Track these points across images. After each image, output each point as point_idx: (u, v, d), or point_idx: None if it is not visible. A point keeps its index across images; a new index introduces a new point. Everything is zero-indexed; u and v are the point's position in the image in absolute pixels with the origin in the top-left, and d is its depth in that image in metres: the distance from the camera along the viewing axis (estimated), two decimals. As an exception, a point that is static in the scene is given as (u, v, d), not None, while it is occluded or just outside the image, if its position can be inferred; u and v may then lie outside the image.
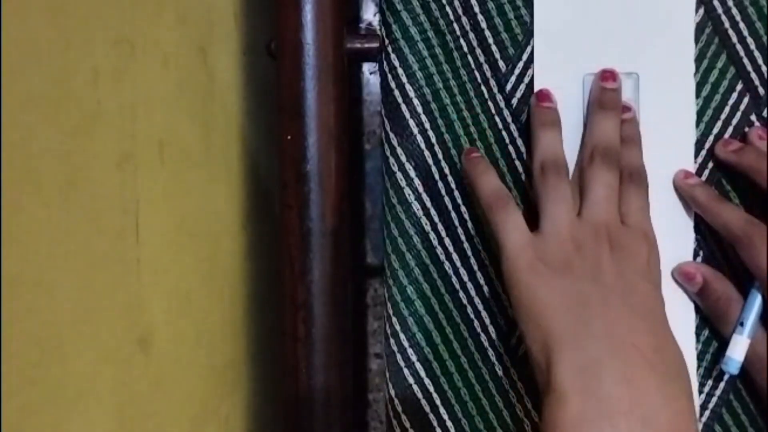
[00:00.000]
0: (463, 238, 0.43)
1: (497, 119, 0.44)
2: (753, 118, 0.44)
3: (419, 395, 0.42)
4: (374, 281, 0.50)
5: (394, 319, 0.42)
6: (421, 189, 0.42)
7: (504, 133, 0.44)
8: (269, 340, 0.49)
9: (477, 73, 0.44)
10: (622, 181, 0.40)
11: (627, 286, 0.36)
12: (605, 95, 0.42)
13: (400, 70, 0.42)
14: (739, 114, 0.44)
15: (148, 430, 0.32)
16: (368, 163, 0.50)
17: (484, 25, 0.44)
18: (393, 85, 0.43)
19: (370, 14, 0.49)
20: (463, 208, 0.43)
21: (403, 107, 0.42)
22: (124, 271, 0.30)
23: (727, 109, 0.44)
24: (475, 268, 0.43)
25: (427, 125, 0.43)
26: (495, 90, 0.44)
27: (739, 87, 0.44)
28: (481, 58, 0.44)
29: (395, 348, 0.42)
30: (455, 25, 0.43)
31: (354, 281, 0.45)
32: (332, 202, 0.42)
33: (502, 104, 0.44)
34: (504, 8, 0.44)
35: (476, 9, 0.44)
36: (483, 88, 0.44)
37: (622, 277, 0.37)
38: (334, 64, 0.42)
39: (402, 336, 0.42)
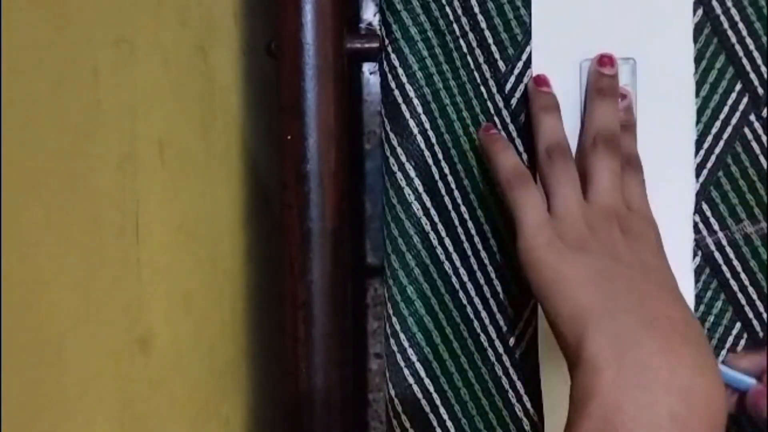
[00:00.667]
0: (463, 238, 0.43)
1: (496, 119, 0.44)
2: (752, 118, 0.44)
3: (419, 395, 0.42)
4: (374, 281, 0.50)
5: (394, 319, 0.42)
6: (421, 189, 0.42)
7: (503, 132, 0.44)
8: (269, 340, 0.49)
9: (477, 73, 0.44)
10: (621, 167, 0.41)
11: (645, 265, 0.37)
12: (603, 81, 0.42)
13: (400, 70, 0.42)
14: (737, 114, 0.44)
15: (148, 430, 0.32)
16: (368, 163, 0.50)
17: (484, 25, 0.44)
18: (393, 85, 0.43)
19: (370, 14, 0.49)
20: (463, 208, 0.43)
21: (403, 107, 0.42)
22: (124, 271, 0.30)
23: (725, 109, 0.44)
24: (475, 268, 0.43)
25: (427, 125, 0.43)
26: (494, 90, 0.44)
27: (738, 87, 0.44)
28: (481, 59, 0.44)
29: (395, 348, 0.42)
30: (455, 25, 0.43)
31: (354, 281, 0.45)
32: (332, 202, 0.42)
33: (501, 104, 0.44)
34: (504, 8, 0.44)
35: (476, 9, 0.44)
36: (482, 88, 0.44)
37: (638, 257, 0.37)
38: (334, 64, 0.42)
39: (402, 336, 0.42)
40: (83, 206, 0.27)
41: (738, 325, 0.44)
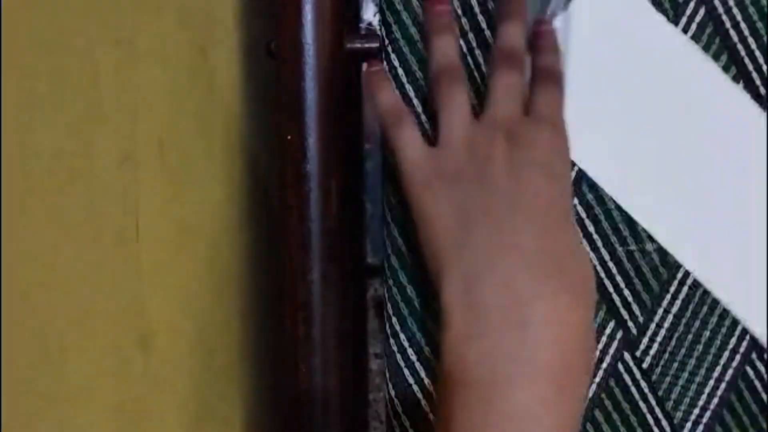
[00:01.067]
0: (463, 238, 0.43)
1: (497, 119, 0.44)
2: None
3: (419, 395, 0.42)
4: (374, 281, 0.50)
5: (394, 319, 0.42)
6: (421, 189, 0.42)
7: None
8: (269, 340, 0.49)
9: (477, 74, 0.44)
10: (534, 81, 0.38)
11: (518, 184, 0.34)
12: (508, 5, 0.40)
13: (400, 70, 0.42)
14: None
15: (148, 430, 0.32)
16: (368, 163, 0.50)
17: (484, 25, 0.44)
18: (393, 85, 0.42)
19: (370, 14, 0.49)
20: (463, 208, 0.43)
21: (403, 107, 0.42)
22: (124, 271, 0.30)
23: None
24: (475, 268, 0.43)
25: (427, 125, 0.43)
26: (495, 90, 0.44)
27: (740, 86, 0.44)
28: (481, 59, 0.44)
29: (395, 348, 0.42)
30: (455, 25, 0.43)
31: (354, 281, 0.45)
32: (332, 202, 0.42)
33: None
34: (504, 8, 0.44)
35: (476, 9, 0.44)
36: (482, 88, 0.44)
37: (514, 174, 0.34)
38: (334, 64, 0.42)
39: (402, 336, 0.42)
40: (83, 206, 0.27)
41: (740, 326, 0.44)
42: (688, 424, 0.44)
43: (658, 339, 0.44)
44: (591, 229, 0.44)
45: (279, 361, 0.43)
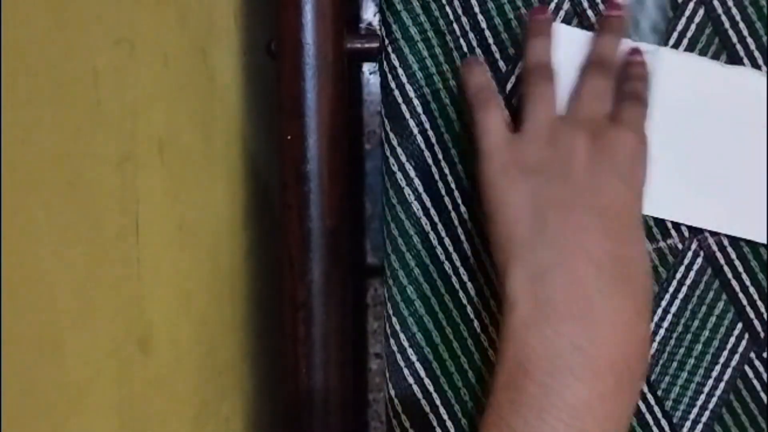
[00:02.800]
0: (463, 238, 0.43)
1: (497, 119, 0.44)
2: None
3: (419, 395, 0.42)
4: (374, 281, 0.50)
5: (394, 319, 0.42)
6: (421, 189, 0.42)
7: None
8: (269, 340, 0.49)
9: (477, 73, 0.44)
10: (622, 100, 0.39)
11: (597, 185, 0.35)
12: (610, 20, 0.42)
13: (400, 70, 0.42)
14: None
15: (148, 430, 0.32)
16: (368, 163, 0.50)
17: (484, 25, 0.44)
18: (393, 85, 0.43)
19: (370, 14, 0.49)
20: (463, 208, 0.43)
21: (403, 107, 0.42)
22: (124, 271, 0.30)
23: None
24: (475, 268, 0.43)
25: (427, 125, 0.43)
26: (495, 90, 0.44)
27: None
28: (481, 58, 0.44)
29: (395, 348, 0.42)
30: (455, 25, 0.43)
31: (354, 281, 0.45)
32: (332, 202, 0.42)
33: (501, 104, 0.44)
34: (504, 8, 0.44)
35: (476, 9, 0.44)
36: (483, 88, 0.44)
37: (594, 175, 0.35)
38: (334, 64, 0.42)
39: (402, 336, 0.42)
40: (83, 206, 0.27)
41: (739, 326, 0.44)
42: (688, 424, 0.44)
43: (657, 338, 0.44)
44: None
45: (279, 361, 0.43)
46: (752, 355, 0.44)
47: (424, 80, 0.43)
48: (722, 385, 0.44)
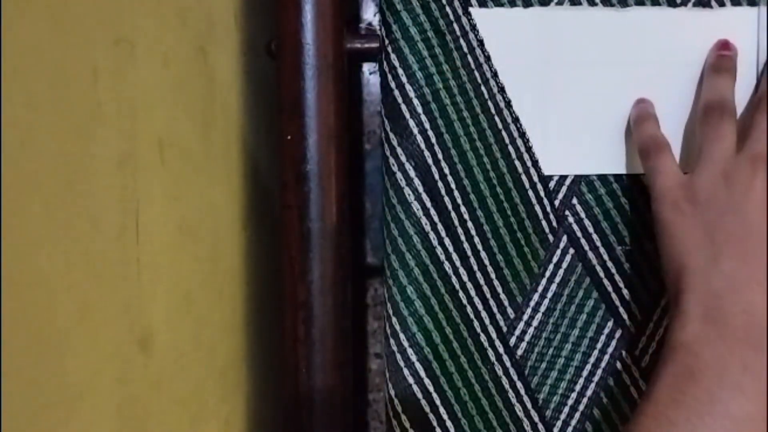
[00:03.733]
0: (463, 238, 0.43)
1: (497, 119, 0.44)
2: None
3: (419, 395, 0.42)
4: (374, 281, 0.50)
5: (394, 319, 0.42)
6: (421, 189, 0.42)
7: (504, 133, 0.44)
8: (269, 340, 0.49)
9: (477, 73, 0.44)
10: None
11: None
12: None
13: (400, 70, 0.42)
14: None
15: (148, 430, 0.32)
16: (368, 163, 0.50)
17: (484, 25, 0.44)
18: (393, 85, 0.42)
19: (370, 14, 0.49)
20: (463, 208, 0.43)
21: (403, 107, 0.42)
22: (124, 271, 0.30)
23: None
24: (475, 268, 0.43)
25: (427, 125, 0.43)
26: (495, 90, 0.44)
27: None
28: (481, 58, 0.44)
29: (395, 348, 0.42)
30: (455, 25, 0.43)
31: (354, 281, 0.45)
32: (332, 202, 0.42)
33: (502, 104, 0.44)
34: (504, 8, 0.44)
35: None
36: (483, 88, 0.44)
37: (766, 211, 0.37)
38: (334, 64, 0.42)
39: (402, 336, 0.42)
40: (83, 206, 0.27)
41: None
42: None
43: (657, 338, 0.44)
44: (591, 229, 0.44)
45: (279, 361, 0.43)
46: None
47: (424, 80, 0.43)
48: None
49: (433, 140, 0.43)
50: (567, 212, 0.45)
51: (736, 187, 0.38)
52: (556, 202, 0.45)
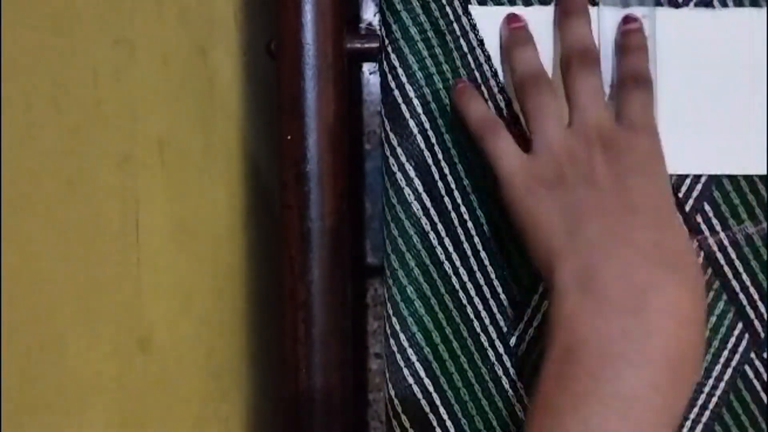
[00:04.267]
0: (463, 238, 0.43)
1: (497, 119, 0.44)
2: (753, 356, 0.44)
3: (419, 395, 0.42)
4: (374, 281, 0.50)
5: (394, 319, 0.42)
6: (421, 189, 0.42)
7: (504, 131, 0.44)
8: (269, 340, 0.49)
9: (477, 73, 0.44)
10: (623, 85, 0.40)
11: (623, 186, 0.36)
12: (566, 2, 0.42)
13: (400, 70, 0.42)
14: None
15: (148, 430, 0.32)
16: (368, 163, 0.50)
17: (484, 25, 0.44)
18: (393, 85, 0.42)
19: (370, 14, 0.49)
20: (463, 208, 0.43)
21: (403, 107, 0.42)
22: (124, 271, 0.30)
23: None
24: (475, 268, 0.43)
25: (427, 125, 0.43)
26: (495, 90, 0.44)
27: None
28: (481, 58, 0.44)
29: (395, 348, 0.42)
30: (455, 25, 0.43)
31: (354, 281, 0.45)
32: (332, 202, 0.42)
33: (502, 104, 0.44)
34: (504, 8, 0.44)
35: (476, 9, 0.44)
36: (483, 88, 0.44)
37: (618, 178, 0.36)
38: (334, 64, 0.42)
39: (402, 336, 0.42)
40: (83, 206, 0.27)
41: (740, 325, 0.44)
42: (688, 423, 0.44)
43: None
44: None
45: (279, 361, 0.43)
46: (752, 355, 0.44)
47: (424, 80, 0.43)
48: (722, 384, 0.44)
49: (433, 140, 0.43)
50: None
51: (578, 163, 0.37)
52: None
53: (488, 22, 0.44)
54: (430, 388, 0.42)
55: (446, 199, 0.43)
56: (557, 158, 0.37)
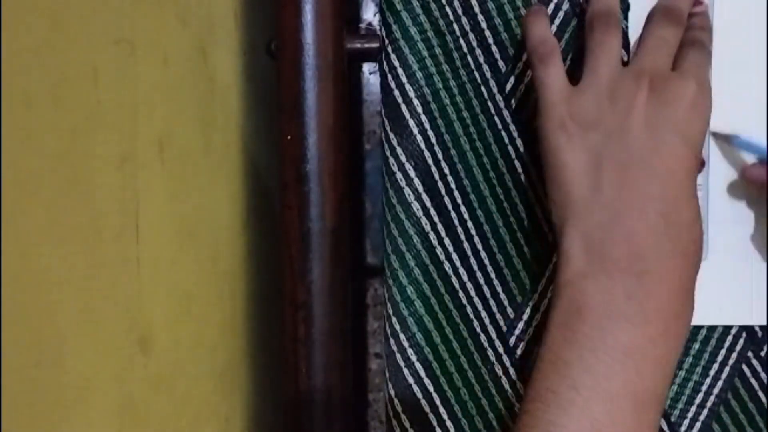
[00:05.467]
0: (463, 238, 0.43)
1: (497, 119, 0.44)
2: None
3: (419, 395, 0.42)
4: (374, 281, 0.50)
5: (394, 319, 0.42)
6: (421, 189, 0.42)
7: (504, 133, 0.44)
8: (269, 340, 0.49)
9: (477, 73, 0.44)
10: (683, 46, 0.39)
11: (654, 144, 0.36)
12: None
13: (400, 70, 0.42)
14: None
15: (148, 430, 0.32)
16: (368, 163, 0.50)
17: (484, 25, 0.44)
18: (393, 85, 0.42)
19: (370, 14, 0.49)
20: (463, 208, 0.43)
21: (403, 107, 0.42)
22: (124, 271, 0.30)
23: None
24: (475, 268, 0.43)
25: (427, 125, 0.43)
26: (495, 90, 0.44)
27: None
28: (481, 58, 0.44)
29: (395, 348, 0.42)
30: (455, 25, 0.43)
31: (354, 281, 0.45)
32: (332, 202, 0.42)
33: (501, 104, 0.44)
34: (504, 8, 0.44)
35: (476, 9, 0.44)
36: (483, 88, 0.44)
37: (653, 132, 0.36)
38: (334, 64, 0.42)
39: (402, 336, 0.42)
40: (83, 206, 0.27)
41: (736, 324, 0.44)
42: (686, 422, 0.44)
43: None
44: None
45: (279, 361, 0.43)
46: (750, 354, 0.44)
47: (424, 80, 0.43)
48: (720, 383, 0.44)
49: (433, 140, 0.43)
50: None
51: (619, 104, 0.37)
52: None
53: None
54: (430, 388, 0.42)
55: (446, 199, 0.43)
56: (600, 95, 0.37)
